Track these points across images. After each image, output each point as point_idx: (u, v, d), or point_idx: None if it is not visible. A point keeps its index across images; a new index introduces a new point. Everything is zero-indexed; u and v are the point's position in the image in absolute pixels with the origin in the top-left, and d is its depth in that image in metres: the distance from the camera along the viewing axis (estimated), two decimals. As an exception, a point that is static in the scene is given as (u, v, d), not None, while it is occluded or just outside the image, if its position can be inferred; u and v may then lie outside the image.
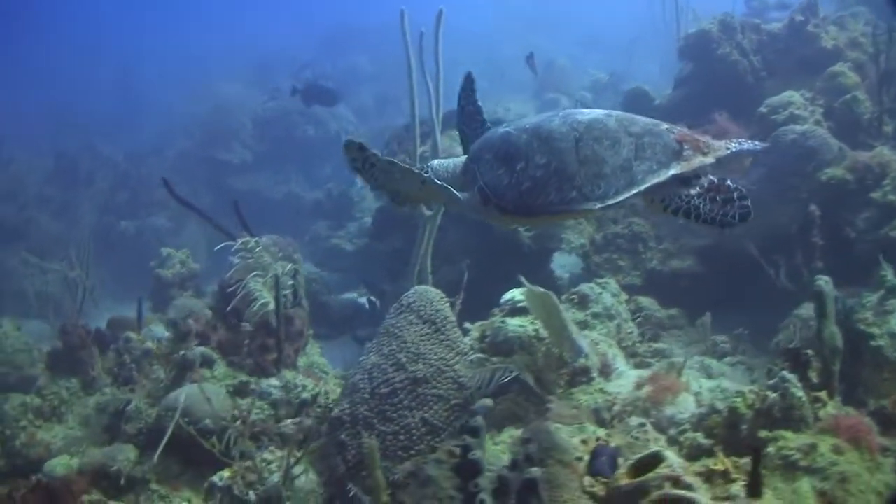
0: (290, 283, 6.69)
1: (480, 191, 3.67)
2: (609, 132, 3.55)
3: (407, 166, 3.60)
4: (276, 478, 5.03)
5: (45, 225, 17.19)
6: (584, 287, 6.88)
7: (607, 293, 6.91)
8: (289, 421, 5.90)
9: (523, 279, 5.55)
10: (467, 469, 4.03)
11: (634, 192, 3.49)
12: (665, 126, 3.69)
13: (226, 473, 5.42)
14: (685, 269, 8.73)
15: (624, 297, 7.24)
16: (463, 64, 6.46)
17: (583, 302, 6.64)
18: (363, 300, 10.58)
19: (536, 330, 5.66)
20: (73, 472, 6.02)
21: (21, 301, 15.14)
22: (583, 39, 26.69)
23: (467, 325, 6.04)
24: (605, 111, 3.76)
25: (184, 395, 5.95)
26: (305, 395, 6.20)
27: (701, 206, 3.53)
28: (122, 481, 5.80)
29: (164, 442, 5.57)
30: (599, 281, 7.27)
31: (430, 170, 3.86)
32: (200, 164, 18.47)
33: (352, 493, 4.64)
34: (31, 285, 15.44)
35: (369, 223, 11.80)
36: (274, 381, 6.20)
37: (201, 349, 6.43)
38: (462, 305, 6.39)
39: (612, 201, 3.47)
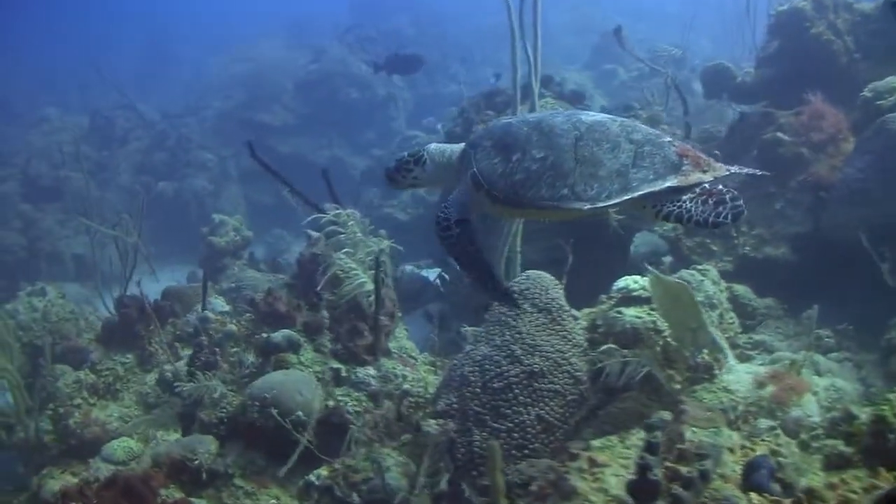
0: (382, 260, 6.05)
1: (473, 177, 3.67)
2: (610, 136, 3.55)
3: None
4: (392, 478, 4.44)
5: (80, 184, 16.59)
6: (685, 273, 6.31)
7: (708, 280, 6.34)
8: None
9: (649, 267, 5.18)
10: (644, 489, 3.45)
11: (626, 198, 3.46)
12: (668, 138, 3.65)
13: (324, 472, 4.88)
14: (779, 256, 8.06)
15: (724, 284, 6.71)
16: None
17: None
18: (428, 274, 9.95)
19: (654, 321, 5.17)
20: (148, 465, 5.42)
21: (57, 264, 14.61)
22: (628, 10, 25.72)
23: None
24: (611, 116, 3.75)
25: (272, 382, 5.35)
26: (407, 385, 5.59)
27: (693, 209, 3.47)
28: (204, 476, 5.22)
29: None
30: (699, 267, 6.65)
31: (425, 152, 3.95)
32: (241, 126, 17.81)
33: (465, 494, 4.34)
34: (67, 247, 14.88)
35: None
36: (371, 371, 5.58)
37: (286, 332, 5.81)
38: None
39: (602, 204, 3.46)
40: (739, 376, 5.04)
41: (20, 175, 16.98)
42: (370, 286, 5.84)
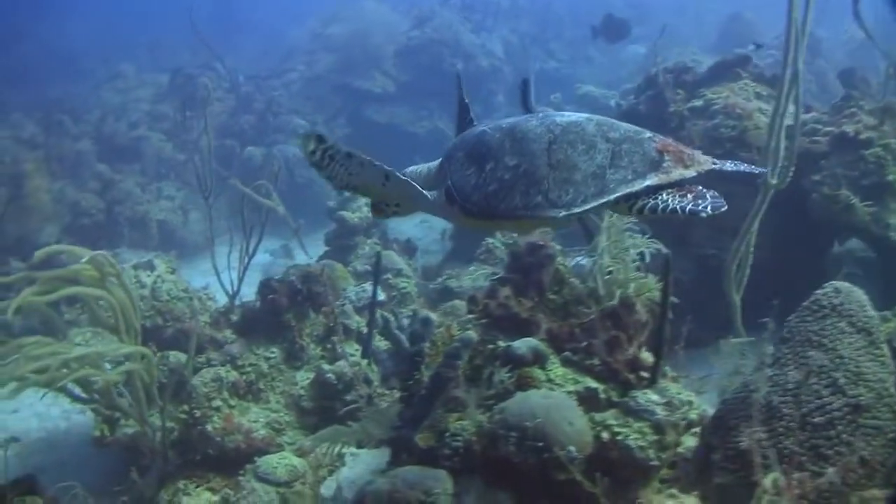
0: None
1: (447, 190, 3.54)
2: (585, 137, 3.39)
3: (368, 158, 3.31)
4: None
5: (159, 145, 15.49)
6: None
7: None
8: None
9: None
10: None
11: (603, 201, 3.30)
12: (648, 134, 3.45)
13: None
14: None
15: None
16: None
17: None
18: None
19: None
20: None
21: (138, 229, 13.51)
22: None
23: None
24: (588, 115, 3.56)
25: (533, 407, 4.09)
26: (693, 414, 4.38)
27: (669, 199, 3.26)
28: (439, 523, 4.00)
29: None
30: None
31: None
32: (335, 92, 16.65)
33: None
34: (148, 212, 13.76)
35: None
36: (653, 396, 4.30)
37: (530, 341, 4.54)
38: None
39: (577, 210, 3.32)
40: None
41: (94, 133, 15.90)
42: (650, 288, 4.56)
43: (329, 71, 17.25)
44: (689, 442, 4.55)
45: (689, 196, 3.24)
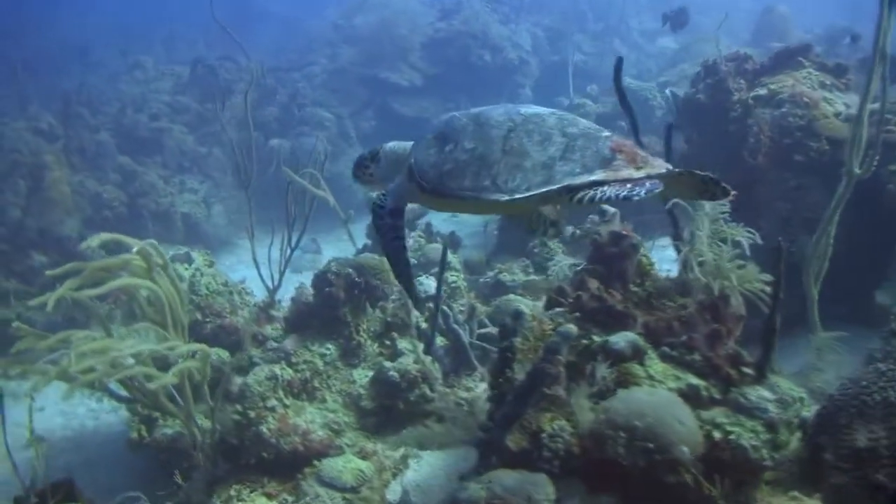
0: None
1: (409, 167, 3.67)
2: (543, 128, 3.46)
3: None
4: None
5: (180, 137, 15.23)
6: None
7: None
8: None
9: None
10: None
11: (545, 189, 3.32)
12: (606, 133, 3.46)
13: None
14: None
15: None
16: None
17: None
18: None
19: None
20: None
21: (162, 223, 13.25)
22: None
23: None
24: (553, 111, 3.64)
25: (641, 406, 3.83)
26: (805, 411, 4.13)
27: (607, 189, 3.23)
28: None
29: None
30: None
31: (381, 150, 3.96)
32: (360, 84, 16.38)
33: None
34: (172, 206, 13.51)
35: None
36: (765, 392, 4.04)
37: (629, 335, 4.29)
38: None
39: (519, 195, 3.35)
40: None
41: (112, 125, 15.62)
42: (752, 278, 4.29)
43: (353, 63, 16.97)
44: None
45: (627, 185, 3.25)
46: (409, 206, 3.80)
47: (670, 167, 3.41)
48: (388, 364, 5.90)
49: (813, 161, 7.16)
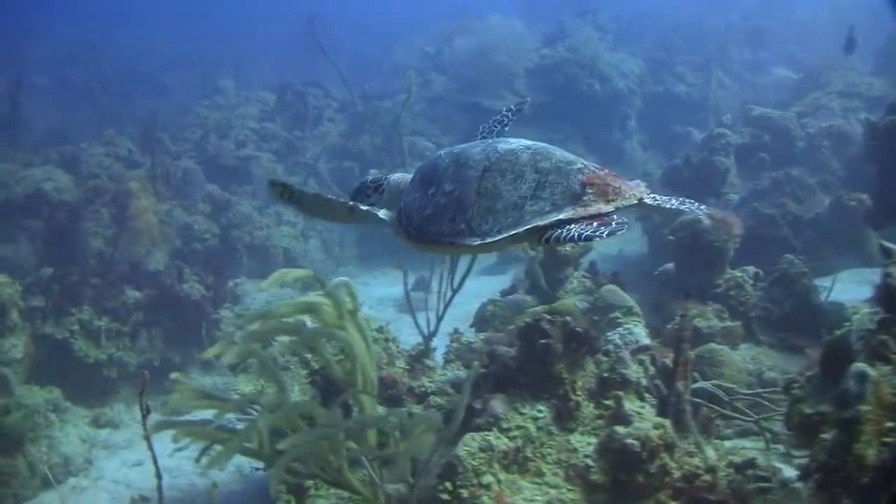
0: None
1: (398, 212, 3.70)
2: (516, 166, 3.46)
3: (332, 198, 3.59)
4: None
5: (269, 165, 14.50)
6: None
7: None
8: None
9: None
10: None
11: (513, 233, 3.34)
12: (578, 165, 3.45)
13: None
14: None
15: None
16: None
17: None
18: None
19: None
20: None
21: (259, 257, 12.48)
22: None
23: None
24: (530, 143, 3.60)
25: None
26: None
27: (574, 229, 3.22)
28: None
29: None
30: None
31: (385, 181, 3.95)
32: (459, 112, 15.57)
33: None
34: (269, 239, 12.74)
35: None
36: None
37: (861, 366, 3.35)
38: None
39: (490, 239, 3.37)
40: None
41: (195, 151, 14.94)
42: None
43: (450, 91, 16.22)
44: None
45: (594, 224, 3.22)
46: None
47: (644, 196, 3.39)
48: (621, 430, 4.93)
49: None
